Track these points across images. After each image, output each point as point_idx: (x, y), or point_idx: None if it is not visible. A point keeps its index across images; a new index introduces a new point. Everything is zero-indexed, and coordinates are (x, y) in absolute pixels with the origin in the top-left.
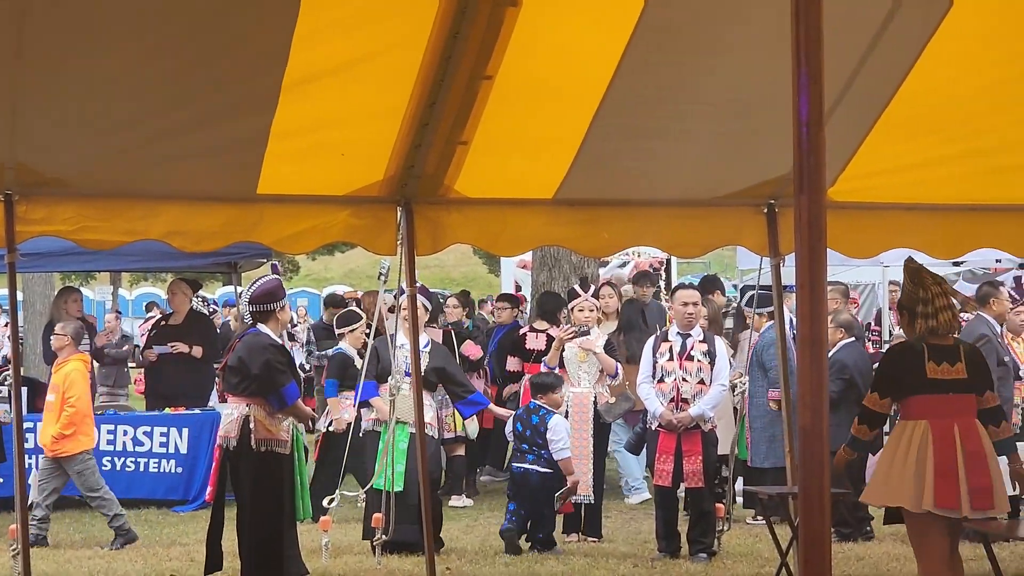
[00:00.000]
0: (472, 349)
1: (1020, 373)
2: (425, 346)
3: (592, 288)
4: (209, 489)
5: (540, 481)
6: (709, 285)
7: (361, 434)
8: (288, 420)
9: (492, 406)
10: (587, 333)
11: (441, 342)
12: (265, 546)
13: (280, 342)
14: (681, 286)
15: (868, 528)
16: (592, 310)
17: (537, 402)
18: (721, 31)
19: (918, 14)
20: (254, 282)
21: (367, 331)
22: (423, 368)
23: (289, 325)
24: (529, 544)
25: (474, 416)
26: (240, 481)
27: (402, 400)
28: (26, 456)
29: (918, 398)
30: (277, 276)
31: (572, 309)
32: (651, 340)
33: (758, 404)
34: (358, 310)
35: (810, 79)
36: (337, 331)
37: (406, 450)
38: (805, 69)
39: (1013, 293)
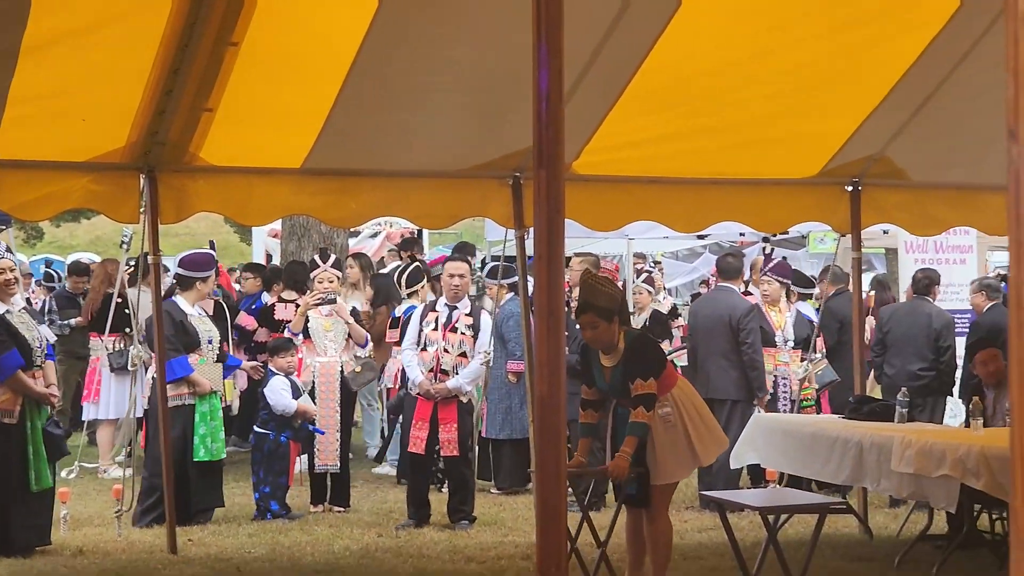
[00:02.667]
0: (247, 319)
1: (775, 340)
2: (200, 314)
3: (333, 258)
4: None
5: (258, 441)
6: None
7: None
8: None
9: (245, 363)
10: (334, 301)
11: (212, 312)
12: None
13: None
14: (450, 258)
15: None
16: (332, 280)
17: (269, 365)
18: (466, 4)
19: None
20: None
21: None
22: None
23: (29, 292)
24: (268, 512)
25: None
26: None
27: (212, 370)
28: None
29: (667, 371)
30: None
31: (314, 279)
32: (420, 308)
33: (495, 376)
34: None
35: (550, 54)
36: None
37: (223, 419)
38: (545, 44)
39: (763, 266)
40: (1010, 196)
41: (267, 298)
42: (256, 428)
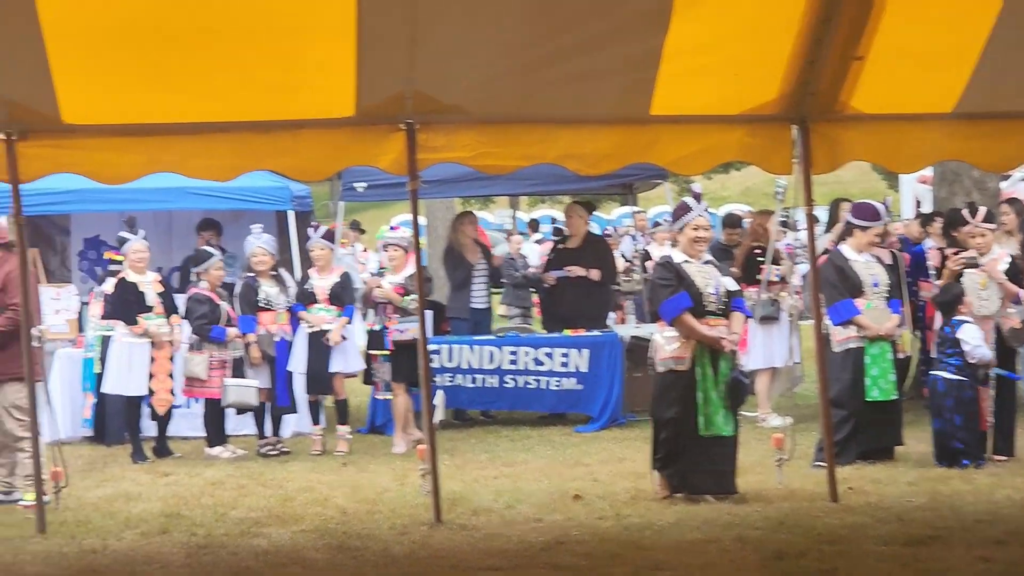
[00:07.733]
0: None
1: None
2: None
3: (983, 211)
4: None
5: (946, 388)
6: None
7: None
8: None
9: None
10: (976, 265)
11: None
12: (656, 457)
13: (668, 260)
14: None
15: None
16: (983, 235)
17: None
18: None
19: None
20: None
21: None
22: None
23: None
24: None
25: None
26: None
27: (881, 314)
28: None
29: None
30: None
31: (963, 235)
32: None
33: None
34: None
35: None
36: None
37: (893, 360)
38: None
39: None
40: None
41: (928, 243)
42: (945, 375)
